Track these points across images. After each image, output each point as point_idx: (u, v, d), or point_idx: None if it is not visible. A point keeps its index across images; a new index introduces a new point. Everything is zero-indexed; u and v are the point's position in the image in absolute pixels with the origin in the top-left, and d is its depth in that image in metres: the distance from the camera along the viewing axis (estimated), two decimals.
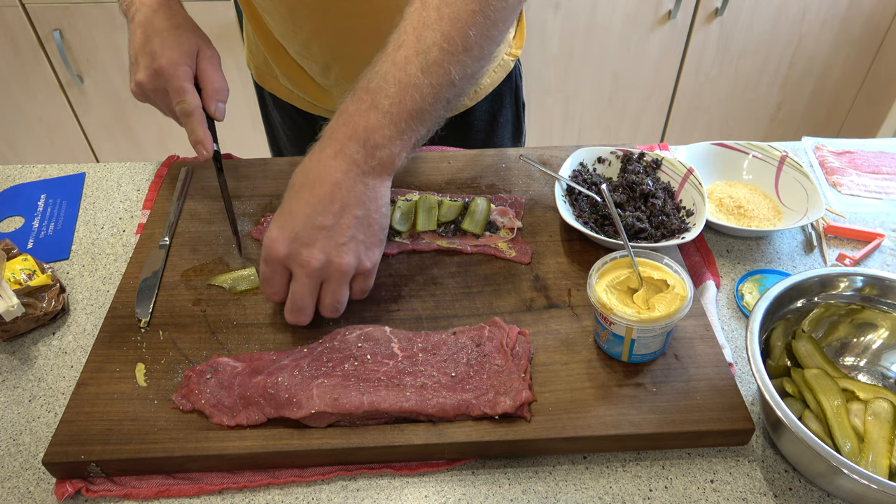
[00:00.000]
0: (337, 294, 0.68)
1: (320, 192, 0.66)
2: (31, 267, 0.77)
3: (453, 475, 0.63)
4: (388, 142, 0.66)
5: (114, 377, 0.68)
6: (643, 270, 0.68)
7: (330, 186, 0.66)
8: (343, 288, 0.68)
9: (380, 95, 0.66)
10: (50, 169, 0.99)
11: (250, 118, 2.02)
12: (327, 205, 0.66)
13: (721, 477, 0.63)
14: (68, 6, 1.79)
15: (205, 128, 0.80)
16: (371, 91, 0.66)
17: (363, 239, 0.68)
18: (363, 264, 0.68)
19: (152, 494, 0.62)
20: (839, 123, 2.22)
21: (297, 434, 0.63)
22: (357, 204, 0.66)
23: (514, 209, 0.85)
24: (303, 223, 0.66)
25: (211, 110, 0.81)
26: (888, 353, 0.69)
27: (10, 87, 1.95)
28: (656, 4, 1.89)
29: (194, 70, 0.82)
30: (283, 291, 0.69)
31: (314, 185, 0.66)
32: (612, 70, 2.04)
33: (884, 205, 0.91)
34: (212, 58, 0.83)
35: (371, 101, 0.66)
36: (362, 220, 0.67)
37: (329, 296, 0.68)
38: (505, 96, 1.09)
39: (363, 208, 0.67)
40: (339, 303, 0.69)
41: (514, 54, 1.06)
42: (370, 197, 0.67)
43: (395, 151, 0.67)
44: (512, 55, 1.06)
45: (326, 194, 0.66)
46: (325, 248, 0.65)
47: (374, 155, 0.66)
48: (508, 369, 0.66)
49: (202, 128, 0.79)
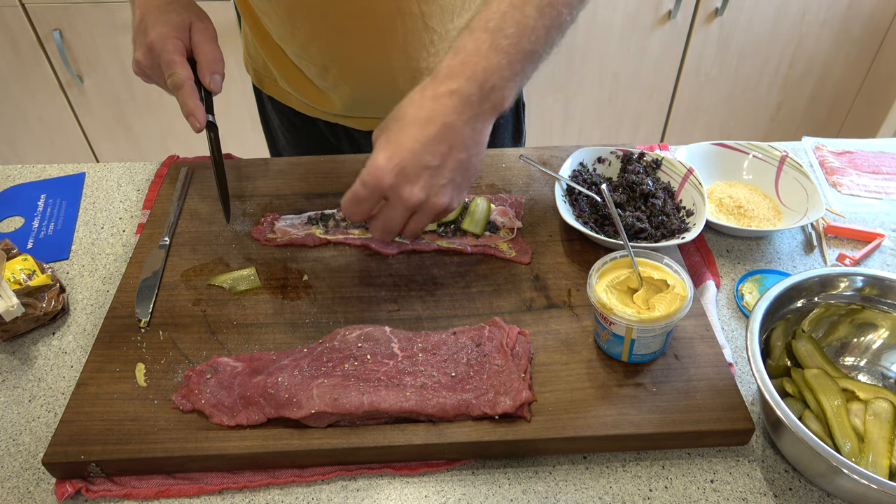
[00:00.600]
0: (422, 224, 0.71)
1: (431, 129, 0.67)
2: (31, 267, 0.77)
3: (453, 475, 0.63)
4: (504, 83, 0.67)
5: (114, 377, 0.68)
6: (643, 270, 0.68)
7: (441, 126, 0.67)
8: (426, 220, 0.70)
9: (499, 36, 0.66)
10: (50, 169, 0.99)
11: (250, 118, 2.02)
12: (436, 144, 0.67)
13: (721, 477, 0.63)
14: (68, 6, 1.79)
15: (196, 99, 0.79)
16: (490, 31, 0.67)
17: (460, 182, 0.69)
18: (450, 206, 0.70)
19: (152, 494, 0.62)
20: (839, 123, 2.22)
21: (297, 434, 0.63)
22: (463, 147, 0.68)
23: (514, 209, 0.85)
24: (411, 158, 0.66)
25: (206, 82, 0.82)
26: (888, 353, 0.69)
27: (10, 87, 1.94)
28: (656, 4, 1.89)
29: (187, 43, 0.82)
30: (369, 214, 0.71)
31: (426, 122, 0.67)
32: (612, 70, 2.03)
33: (884, 205, 0.91)
34: (205, 30, 0.83)
35: (491, 41, 0.66)
36: (464, 164, 0.69)
37: (415, 224, 0.70)
38: None
39: (467, 152, 0.68)
40: (418, 231, 0.72)
41: None
42: (476, 141, 0.69)
43: (508, 93, 0.68)
44: None
45: (436, 133, 0.67)
46: (427, 187, 0.67)
47: (489, 97, 0.67)
48: (508, 369, 0.66)
49: (193, 99, 0.79)
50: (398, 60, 0.90)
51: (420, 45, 0.89)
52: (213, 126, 0.81)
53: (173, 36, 0.80)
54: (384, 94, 0.92)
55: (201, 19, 0.84)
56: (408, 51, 0.89)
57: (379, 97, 0.95)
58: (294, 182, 0.91)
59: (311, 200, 0.88)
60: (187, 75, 0.79)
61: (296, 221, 0.84)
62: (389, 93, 0.92)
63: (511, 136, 1.14)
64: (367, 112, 1.00)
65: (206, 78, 0.81)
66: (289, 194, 0.89)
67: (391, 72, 0.91)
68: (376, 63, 0.91)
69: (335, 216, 0.84)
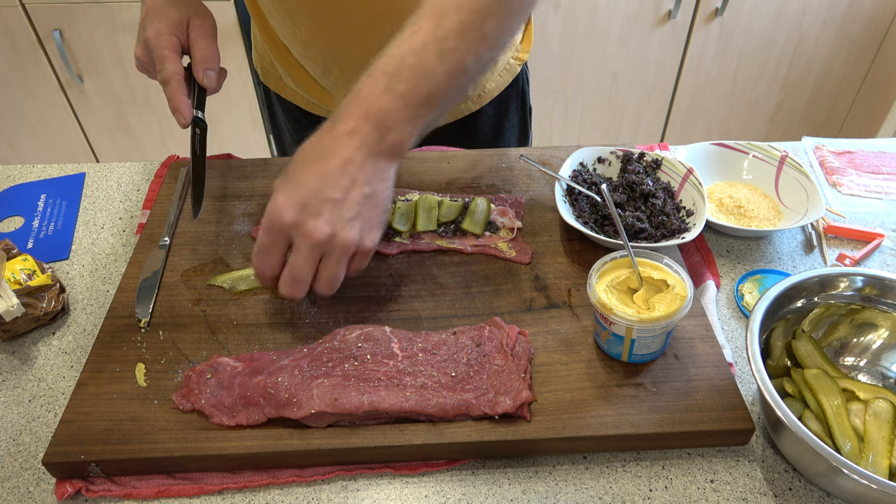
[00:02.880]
0: (336, 269, 0.67)
1: (331, 165, 0.66)
2: (31, 267, 0.77)
3: (453, 475, 0.63)
4: (399, 126, 0.67)
5: (114, 377, 0.68)
6: (643, 270, 0.68)
7: (341, 161, 0.66)
8: (342, 264, 0.67)
9: (395, 79, 0.66)
10: (50, 169, 0.99)
11: (250, 118, 2.02)
12: (337, 178, 0.66)
13: (721, 477, 0.63)
14: (68, 6, 1.79)
15: (182, 95, 0.79)
16: (387, 74, 0.66)
17: (368, 217, 0.67)
18: (364, 243, 0.68)
19: (152, 494, 0.62)
20: (839, 123, 2.22)
21: (297, 434, 0.63)
22: (366, 181, 0.67)
23: (514, 209, 0.85)
24: (312, 193, 0.65)
25: (199, 77, 0.81)
26: (888, 353, 0.69)
27: (10, 87, 1.95)
28: (656, 4, 1.89)
29: (183, 40, 0.82)
30: (279, 265, 0.68)
31: (325, 158, 0.66)
32: (612, 70, 2.04)
33: (884, 205, 0.91)
34: (202, 26, 0.83)
35: (386, 84, 0.66)
36: (370, 199, 0.67)
37: (328, 270, 0.67)
38: (511, 101, 1.09)
39: (371, 187, 0.67)
40: (336, 279, 0.68)
41: (520, 58, 1.06)
42: (379, 177, 0.68)
43: (406, 136, 0.68)
44: (518, 59, 1.06)
45: (337, 168, 0.66)
46: (332, 221, 0.65)
47: (386, 138, 0.67)
48: (508, 369, 0.66)
49: (180, 95, 0.79)
50: None
51: None
52: (199, 122, 0.81)
53: (168, 32, 0.80)
54: None
55: (200, 15, 0.84)
56: None
57: None
58: None
59: None
60: (175, 70, 0.79)
61: None
62: None
63: (517, 141, 1.15)
64: None
65: (200, 74, 0.82)
66: None
67: None
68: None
69: None
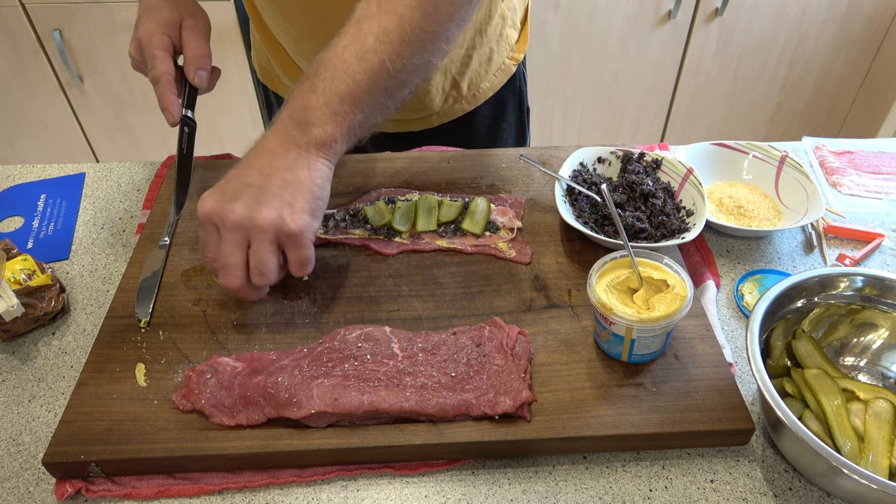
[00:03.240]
0: (259, 254, 0.67)
1: (255, 161, 0.69)
2: (31, 267, 0.77)
3: (453, 475, 0.63)
4: (321, 122, 0.69)
5: (114, 377, 0.68)
6: (643, 270, 0.68)
7: (265, 156, 0.69)
8: (265, 247, 0.67)
9: (317, 79, 0.69)
10: (50, 169, 0.99)
11: (250, 118, 2.02)
12: (257, 168, 0.69)
13: (721, 477, 0.63)
14: (68, 6, 1.79)
15: (172, 94, 0.80)
16: (310, 76, 0.70)
17: (290, 201, 0.67)
18: (287, 225, 0.67)
19: (152, 494, 0.62)
20: (839, 123, 2.22)
21: (297, 434, 0.63)
22: (287, 168, 0.68)
23: (514, 209, 0.85)
24: (233, 182, 0.68)
25: (190, 76, 0.83)
26: (888, 353, 0.69)
27: (10, 87, 1.94)
28: (656, 4, 1.89)
29: (175, 39, 0.83)
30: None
31: (251, 157, 0.70)
32: (612, 70, 2.04)
33: (884, 205, 0.91)
34: (195, 26, 0.84)
35: (310, 84, 0.69)
36: (291, 183, 0.68)
37: (254, 256, 0.67)
38: (508, 101, 1.09)
39: (293, 173, 0.68)
40: (262, 264, 0.67)
41: (515, 58, 1.06)
42: (302, 165, 0.69)
43: (329, 131, 0.69)
44: (513, 59, 1.06)
45: (259, 161, 0.69)
46: (247, 204, 0.66)
47: (308, 132, 0.69)
48: (508, 369, 0.66)
49: (169, 94, 0.80)
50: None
51: None
52: (188, 121, 0.82)
53: (159, 31, 0.81)
54: None
55: (193, 16, 0.84)
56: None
57: None
58: None
59: None
60: (165, 70, 0.80)
61: None
62: None
63: (514, 142, 1.15)
64: None
65: (191, 73, 0.82)
66: None
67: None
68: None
69: (335, 216, 0.84)
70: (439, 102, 1.02)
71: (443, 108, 1.03)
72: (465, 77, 1.01)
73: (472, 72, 1.01)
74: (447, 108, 1.03)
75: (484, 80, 1.03)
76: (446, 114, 1.04)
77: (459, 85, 1.01)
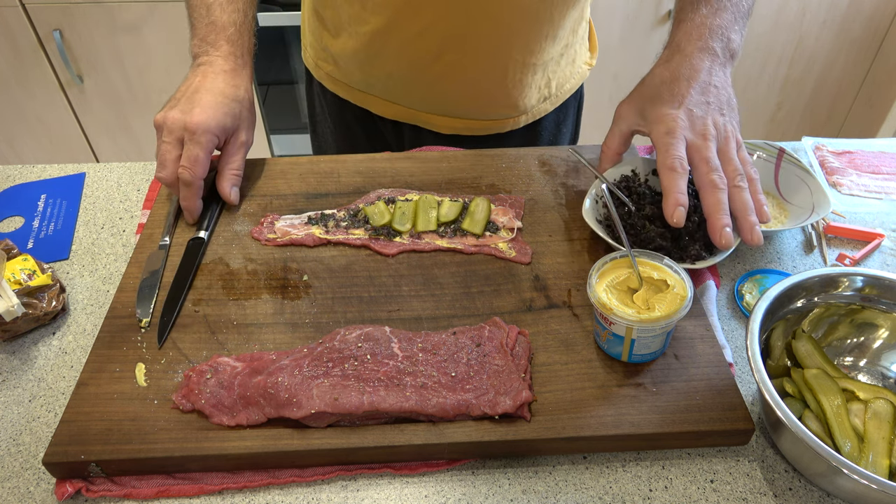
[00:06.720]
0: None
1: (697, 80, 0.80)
2: (31, 267, 0.77)
3: (453, 475, 0.63)
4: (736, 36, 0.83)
5: (114, 377, 0.68)
6: (643, 270, 0.68)
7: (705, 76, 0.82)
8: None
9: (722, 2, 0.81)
10: (50, 169, 0.99)
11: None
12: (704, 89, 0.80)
13: (721, 477, 0.63)
14: (68, 6, 1.79)
15: (198, 200, 0.82)
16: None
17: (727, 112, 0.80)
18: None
19: (152, 494, 0.62)
20: (839, 123, 2.23)
21: (297, 434, 0.63)
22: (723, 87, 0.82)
23: (514, 209, 0.85)
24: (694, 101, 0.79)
25: (225, 191, 0.84)
26: (888, 353, 0.69)
27: (10, 87, 1.95)
28: (656, 4, 1.89)
29: (221, 143, 0.84)
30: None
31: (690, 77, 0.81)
32: (612, 70, 2.04)
33: (884, 205, 0.91)
34: (243, 144, 0.86)
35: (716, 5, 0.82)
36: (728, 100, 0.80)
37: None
38: (570, 105, 1.11)
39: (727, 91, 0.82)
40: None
41: (590, 63, 1.10)
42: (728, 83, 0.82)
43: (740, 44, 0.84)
44: (588, 64, 1.09)
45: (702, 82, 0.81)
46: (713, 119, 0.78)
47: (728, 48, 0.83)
48: (508, 369, 0.66)
49: (196, 199, 0.82)
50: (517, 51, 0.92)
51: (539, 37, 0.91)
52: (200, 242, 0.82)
53: (213, 132, 0.81)
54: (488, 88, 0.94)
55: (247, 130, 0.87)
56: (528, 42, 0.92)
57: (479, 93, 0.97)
58: (294, 182, 0.91)
59: (311, 200, 0.88)
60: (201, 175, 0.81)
61: (296, 221, 0.84)
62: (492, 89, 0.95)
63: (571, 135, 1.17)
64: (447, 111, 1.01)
65: (227, 187, 0.84)
66: (289, 194, 0.89)
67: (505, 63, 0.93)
68: (495, 51, 0.92)
69: (335, 216, 0.84)
70: (534, 101, 1.03)
71: (534, 107, 1.04)
72: (556, 76, 1.02)
73: (562, 71, 1.02)
74: (535, 108, 1.04)
75: (568, 82, 1.04)
76: (532, 114, 1.05)
77: (551, 84, 1.02)
